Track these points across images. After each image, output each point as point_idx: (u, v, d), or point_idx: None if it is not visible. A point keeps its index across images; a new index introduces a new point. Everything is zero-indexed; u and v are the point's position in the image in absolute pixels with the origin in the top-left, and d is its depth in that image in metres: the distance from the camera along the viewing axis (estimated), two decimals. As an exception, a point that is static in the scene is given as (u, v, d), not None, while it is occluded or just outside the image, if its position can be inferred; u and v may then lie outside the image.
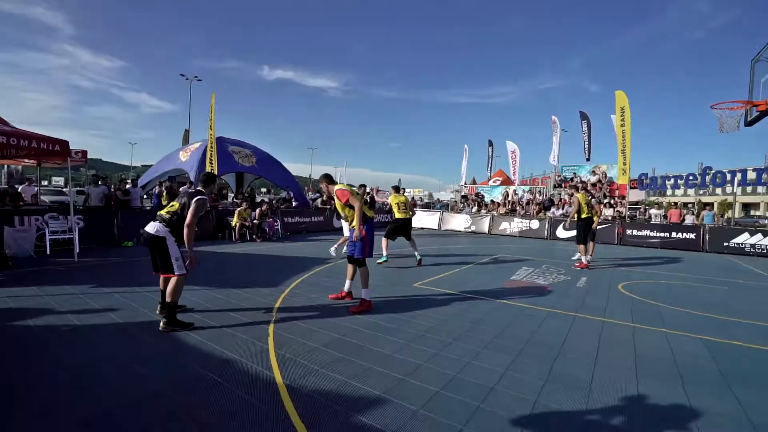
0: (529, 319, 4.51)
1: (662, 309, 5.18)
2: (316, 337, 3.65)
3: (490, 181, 25.16)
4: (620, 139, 16.67)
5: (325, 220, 15.21)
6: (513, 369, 3.12)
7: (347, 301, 4.87)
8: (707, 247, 12.82)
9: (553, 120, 21.42)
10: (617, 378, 3.05)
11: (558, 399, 2.68)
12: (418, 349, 3.46)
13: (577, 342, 3.82)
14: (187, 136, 29.49)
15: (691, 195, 38.88)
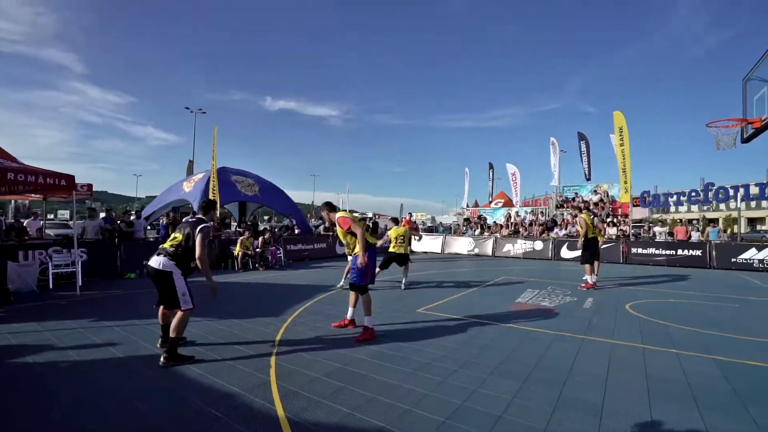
0: (535, 342, 4.42)
1: (671, 329, 5.08)
2: (318, 367, 3.59)
3: (492, 203, 25.21)
4: (620, 158, 16.83)
5: (328, 247, 15.19)
6: (520, 396, 3.04)
7: (350, 330, 4.81)
8: (714, 263, 12.67)
9: (552, 141, 21.68)
10: (629, 402, 2.96)
11: (568, 426, 2.59)
12: (424, 377, 3.38)
13: (586, 365, 3.73)
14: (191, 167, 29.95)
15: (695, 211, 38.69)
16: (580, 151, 21.50)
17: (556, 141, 21.62)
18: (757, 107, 5.70)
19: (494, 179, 26.72)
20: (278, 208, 17.38)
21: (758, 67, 5.66)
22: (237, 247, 11.24)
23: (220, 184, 14.10)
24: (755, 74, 5.87)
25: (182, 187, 16.31)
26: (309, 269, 11.26)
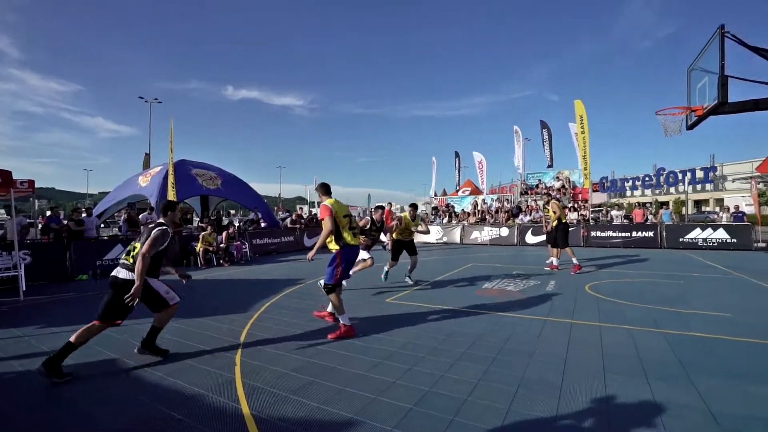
0: (501, 326, 4.57)
1: (625, 306, 5.40)
2: (285, 362, 3.54)
3: (459, 191, 25.69)
4: (581, 145, 17.54)
5: (296, 240, 14.97)
6: (486, 379, 3.14)
7: (321, 323, 4.78)
8: (665, 243, 13.56)
9: (516, 130, 22.27)
10: (586, 378, 3.13)
11: (530, 405, 2.71)
12: (392, 366, 3.42)
13: (548, 345, 3.90)
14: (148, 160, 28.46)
15: (648, 195, 41.19)
16: (543, 138, 22.25)
17: (520, 129, 22.23)
18: (699, 96, 6.06)
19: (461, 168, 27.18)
20: (243, 201, 16.88)
21: (700, 58, 6.00)
22: (199, 243, 10.86)
23: (179, 178, 13.49)
24: (698, 65, 6.22)
25: (138, 182, 15.48)
26: (276, 263, 11.07)
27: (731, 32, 5.26)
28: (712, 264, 9.54)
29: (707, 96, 5.94)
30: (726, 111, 5.46)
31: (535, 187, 20.13)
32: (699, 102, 6.25)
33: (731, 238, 12.84)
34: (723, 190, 37.31)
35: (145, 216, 11.76)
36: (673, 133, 7.04)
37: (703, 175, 37.35)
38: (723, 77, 5.32)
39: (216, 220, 13.95)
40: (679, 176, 38.50)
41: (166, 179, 13.52)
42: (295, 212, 18.14)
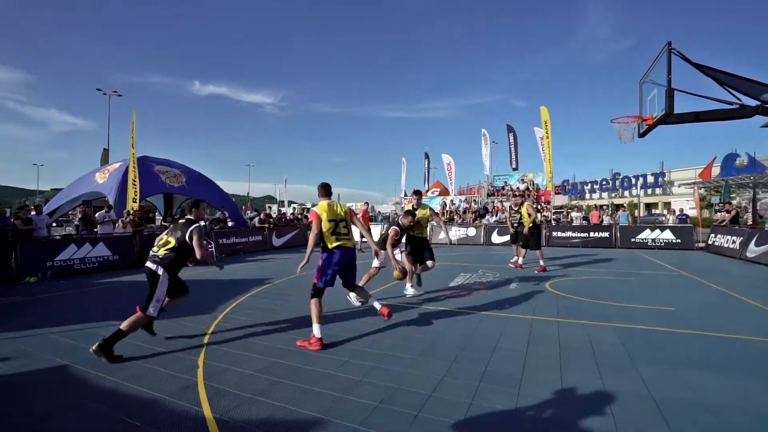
0: (465, 323, 4.69)
1: (582, 303, 5.68)
2: (250, 363, 3.48)
3: (429, 192, 26.05)
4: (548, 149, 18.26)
5: (264, 239, 14.67)
6: (450, 374, 3.22)
7: (288, 323, 4.72)
8: (619, 243, 14.34)
9: (483, 133, 22.84)
10: (544, 372, 3.27)
11: (491, 398, 2.80)
12: (358, 364, 3.43)
13: (510, 341, 4.04)
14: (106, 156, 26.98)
15: (605, 198, 43.39)
16: (509, 142, 22.94)
17: (488, 132, 22.82)
18: (650, 106, 6.47)
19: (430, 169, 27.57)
20: (209, 200, 16.33)
21: (650, 72, 6.41)
22: (161, 243, 10.41)
23: (141, 175, 12.90)
24: (648, 78, 6.63)
25: (95, 179, 14.67)
26: (243, 263, 10.80)
27: (677, 49, 5.65)
28: (659, 262, 10.19)
29: (656, 107, 6.35)
30: (672, 121, 5.86)
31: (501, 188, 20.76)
32: (649, 112, 6.67)
33: (676, 238, 13.76)
34: (670, 194, 39.89)
35: (102, 215, 11.13)
36: (627, 141, 7.46)
37: (653, 180, 39.75)
38: (669, 90, 5.70)
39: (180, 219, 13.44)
40: (633, 181, 40.77)
41: (126, 176, 12.88)
42: (264, 211, 17.75)
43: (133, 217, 11.53)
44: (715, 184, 27.82)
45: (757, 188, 21.40)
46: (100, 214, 11.20)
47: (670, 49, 5.56)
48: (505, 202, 19.17)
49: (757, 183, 22.30)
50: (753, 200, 19.73)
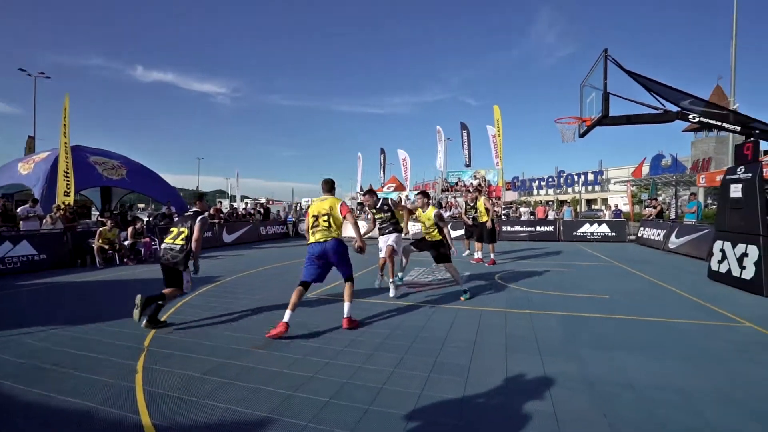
0: (418, 316, 4.79)
1: (529, 293, 6.00)
2: (196, 365, 3.32)
3: (385, 187, 26.21)
4: (499, 146, 18.98)
5: (214, 236, 14.04)
6: (401, 366, 3.27)
7: (238, 321, 4.56)
8: (562, 237, 15.29)
9: (438, 130, 23.31)
10: (491, 359, 3.42)
11: (441, 388, 2.88)
12: (310, 361, 3.39)
13: (460, 332, 4.18)
14: (32, 144, 24.42)
15: (551, 194, 46.08)
16: (463, 139, 23.60)
17: (442, 129, 23.32)
18: (588, 108, 6.94)
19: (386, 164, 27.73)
20: (153, 194, 15.37)
21: (589, 76, 6.86)
22: (96, 240, 9.63)
23: (74, 166, 11.83)
24: (588, 82, 7.10)
25: (17, 169, 13.26)
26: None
27: (612, 56, 6.09)
28: (596, 254, 11.00)
29: (594, 109, 6.81)
30: (607, 123, 6.32)
31: (455, 184, 21.35)
32: (588, 114, 7.15)
33: (611, 231, 14.92)
34: (608, 191, 43.16)
35: (25, 209, 10.08)
36: (569, 140, 7.94)
37: (593, 178, 42.80)
38: (605, 94, 6.13)
39: (120, 214, 12.47)
40: (576, 178, 43.66)
41: (56, 167, 11.77)
42: (214, 206, 16.95)
43: (65, 212, 10.56)
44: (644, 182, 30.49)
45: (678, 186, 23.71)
46: (24, 209, 10.14)
47: (606, 56, 5.97)
48: (458, 197, 19.72)
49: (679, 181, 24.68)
50: (675, 197, 21.83)
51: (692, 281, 6.91)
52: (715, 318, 4.67)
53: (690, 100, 6.20)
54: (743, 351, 3.59)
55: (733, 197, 6.43)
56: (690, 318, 4.67)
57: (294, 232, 18.74)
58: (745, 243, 6.10)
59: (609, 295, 5.81)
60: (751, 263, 5.93)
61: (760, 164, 6.10)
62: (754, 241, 5.90)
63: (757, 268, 5.79)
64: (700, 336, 4.03)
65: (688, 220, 12.33)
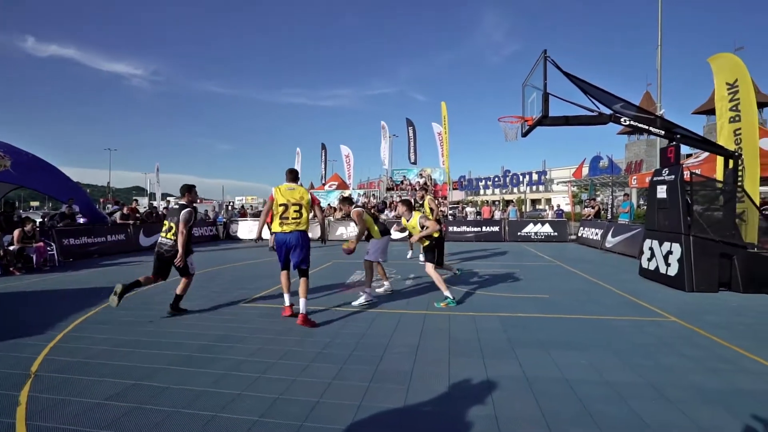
0: (359, 322, 4.78)
1: (473, 295, 6.25)
2: (97, 390, 3.02)
3: (326, 185, 25.96)
4: (445, 144, 19.57)
5: (128, 239, 12.96)
6: (340, 377, 3.24)
7: (154, 335, 4.24)
8: (507, 237, 16.17)
9: (383, 125, 23.55)
10: (434, 365, 3.50)
11: (381, 398, 2.90)
12: (238, 377, 3.24)
13: (403, 337, 4.24)
14: None
15: (497, 194, 48.58)
16: (409, 136, 24.06)
17: (387, 125, 23.60)
18: (530, 108, 7.40)
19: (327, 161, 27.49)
20: (49, 190, 13.78)
21: (531, 76, 7.31)
22: (-27, 246, 8.44)
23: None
24: (529, 82, 7.56)
25: None
26: (98, 268, 9.39)
27: (551, 57, 6.54)
28: (539, 254, 11.78)
29: (536, 109, 7.27)
30: (547, 123, 6.78)
31: (400, 183, 21.71)
32: (530, 113, 7.60)
33: (554, 231, 16.06)
34: (551, 191, 46.44)
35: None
36: (512, 139, 8.39)
37: (537, 178, 45.85)
38: (545, 94, 6.57)
39: (3, 214, 11.03)
40: (521, 178, 46.46)
41: None
42: (128, 205, 15.63)
43: None
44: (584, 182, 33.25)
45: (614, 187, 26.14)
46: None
47: (546, 57, 6.41)
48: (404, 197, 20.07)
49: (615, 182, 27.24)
50: (612, 197, 24.07)
51: (625, 279, 7.64)
52: (644, 314, 5.19)
53: (622, 104, 6.85)
54: (668, 345, 4.03)
55: (660, 198, 7.22)
56: (622, 314, 5.16)
57: (225, 234, 17.88)
58: (669, 241, 6.87)
59: (549, 295, 6.23)
60: (675, 260, 6.69)
61: (681, 166, 6.91)
62: (677, 240, 6.66)
63: (680, 265, 6.55)
64: (630, 331, 4.46)
65: (622, 220, 13.63)
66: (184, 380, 3.18)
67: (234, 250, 13.61)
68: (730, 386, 3.08)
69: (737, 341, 4.06)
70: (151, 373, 3.33)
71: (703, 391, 3.00)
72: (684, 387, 3.07)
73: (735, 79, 7.66)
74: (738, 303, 5.71)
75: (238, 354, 3.76)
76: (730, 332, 4.37)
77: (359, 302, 5.58)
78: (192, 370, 3.38)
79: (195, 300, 5.93)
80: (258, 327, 4.61)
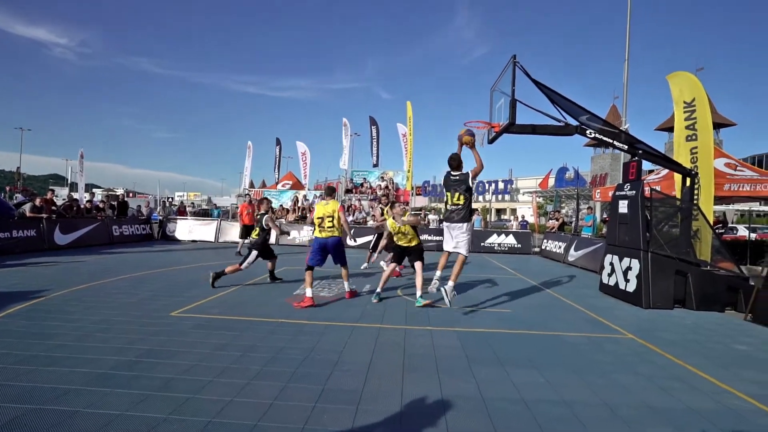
0: (307, 336, 4.71)
1: (431, 308, 6.34)
2: (-9, 413, 2.77)
3: (279, 184, 25.49)
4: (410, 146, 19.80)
5: (40, 235, 12.05)
6: (282, 397, 3.17)
7: (69, 350, 3.95)
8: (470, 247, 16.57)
9: (344, 122, 23.50)
10: (387, 382, 3.51)
11: (327, 419, 2.86)
12: (166, 398, 3.09)
13: (354, 352, 4.23)
14: None
15: (461, 202, 49.76)
16: (372, 136, 24.17)
17: (349, 122, 23.57)
18: (498, 114, 7.65)
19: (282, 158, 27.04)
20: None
21: (499, 81, 7.58)
22: None
23: None
24: (497, 87, 7.83)
25: None
26: (1, 269, 8.64)
27: (520, 63, 6.82)
28: (502, 266, 12.18)
29: (503, 115, 7.53)
30: (514, 131, 7.04)
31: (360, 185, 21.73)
32: (498, 119, 7.86)
33: (518, 243, 16.67)
34: (517, 201, 48.28)
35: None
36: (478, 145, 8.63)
37: (503, 187, 47.49)
38: (513, 101, 6.82)
39: None
40: (486, 186, 47.94)
41: None
42: (42, 196, 14.49)
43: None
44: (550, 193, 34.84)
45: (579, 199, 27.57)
46: None
47: (515, 62, 6.66)
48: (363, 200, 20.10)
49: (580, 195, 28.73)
50: (576, 210, 25.35)
51: (586, 294, 8.05)
52: (602, 330, 5.49)
53: (588, 116, 7.25)
54: (624, 362, 4.28)
55: (621, 212, 7.69)
56: (580, 331, 5.42)
57: (161, 234, 17.05)
58: (629, 257, 7.33)
59: (511, 310, 6.45)
60: (634, 276, 7.14)
61: (642, 182, 7.41)
62: (636, 255, 7.12)
63: (638, 281, 7.00)
64: (587, 348, 4.70)
65: (585, 233, 14.38)
66: (98, 403, 2.98)
67: (170, 252, 13.01)
68: (680, 405, 3.31)
69: (690, 359, 4.38)
70: (60, 394, 3.09)
71: (655, 410, 3.21)
72: (637, 406, 3.26)
73: (693, 98, 8.33)
74: (691, 320, 6.17)
75: (166, 371, 3.58)
76: (683, 350, 4.71)
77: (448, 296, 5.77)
78: (108, 391, 3.18)
79: (118, 309, 5.61)
80: (192, 340, 4.42)
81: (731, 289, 6.90)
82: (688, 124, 8.37)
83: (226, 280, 7.56)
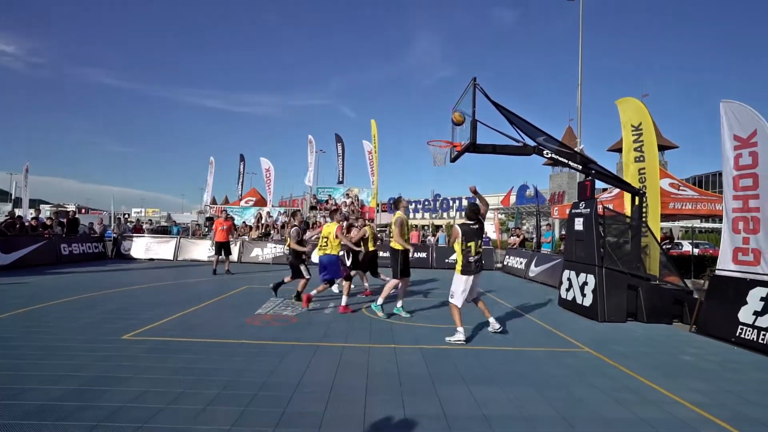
0: (268, 357, 4.58)
1: (395, 326, 6.33)
2: None
3: (242, 201, 24.98)
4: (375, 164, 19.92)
5: (-21, 254, 11.19)
6: (240, 423, 3.05)
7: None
8: (434, 264, 16.75)
9: (310, 139, 23.43)
10: (349, 404, 3.45)
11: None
12: (111, 429, 2.90)
13: (316, 373, 4.14)
14: None
15: (426, 218, 50.37)
16: (337, 153, 24.18)
17: (314, 139, 23.52)
18: (460, 134, 7.87)
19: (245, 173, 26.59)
20: None
21: (460, 102, 7.82)
22: None
23: None
24: (459, 107, 8.05)
25: None
26: (-69, 292, 7.94)
27: (480, 85, 7.07)
28: (466, 282, 12.32)
29: (465, 135, 7.74)
30: (475, 151, 7.25)
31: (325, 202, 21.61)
32: (460, 139, 8.07)
33: (481, 259, 16.97)
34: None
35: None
36: (440, 164, 8.81)
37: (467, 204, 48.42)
38: (473, 121, 7.05)
39: None
40: (451, 203, 48.78)
41: None
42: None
43: None
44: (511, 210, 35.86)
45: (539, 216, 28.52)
46: None
47: (475, 84, 6.90)
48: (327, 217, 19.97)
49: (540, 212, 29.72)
50: (537, 226, 26.17)
51: (545, 309, 8.27)
52: (560, 344, 5.64)
53: (545, 137, 7.57)
54: (581, 376, 4.40)
55: (577, 230, 8.01)
56: (540, 345, 5.55)
57: (115, 252, 16.20)
58: (585, 272, 7.61)
59: (472, 326, 6.52)
60: (590, 291, 7.41)
61: (596, 201, 7.77)
62: (592, 271, 7.41)
63: (594, 295, 7.27)
64: (546, 363, 4.81)
65: (545, 249, 14.84)
66: (37, 435, 2.77)
67: (124, 272, 12.40)
68: (633, 416, 3.43)
69: (642, 371, 4.56)
70: (-7, 427, 2.85)
71: (609, 422, 3.31)
72: (593, 419, 3.36)
73: (639, 122, 8.89)
74: (642, 333, 6.45)
75: (115, 399, 3.37)
76: (635, 362, 4.90)
77: None
78: (49, 424, 2.95)
79: (62, 333, 5.27)
80: (145, 365, 4.20)
81: (677, 302, 7.29)
82: (636, 146, 8.90)
83: (194, 299, 7.27)
